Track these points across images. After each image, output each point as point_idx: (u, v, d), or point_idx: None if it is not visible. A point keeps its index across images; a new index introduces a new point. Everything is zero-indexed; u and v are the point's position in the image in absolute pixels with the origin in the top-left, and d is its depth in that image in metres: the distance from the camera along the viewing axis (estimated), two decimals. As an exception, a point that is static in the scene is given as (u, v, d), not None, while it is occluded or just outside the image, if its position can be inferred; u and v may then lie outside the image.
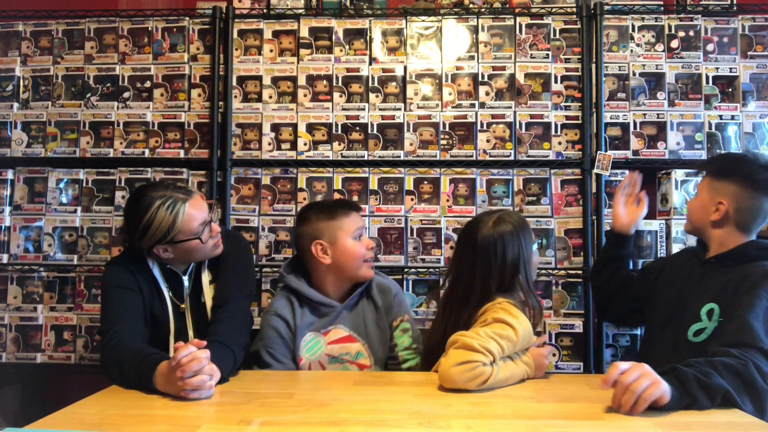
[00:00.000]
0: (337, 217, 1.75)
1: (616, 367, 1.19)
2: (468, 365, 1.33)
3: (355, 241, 1.75)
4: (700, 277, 1.64)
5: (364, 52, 2.29)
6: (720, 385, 1.20)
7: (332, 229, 1.74)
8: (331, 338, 1.74)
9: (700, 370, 1.22)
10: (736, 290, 1.51)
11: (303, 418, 1.17)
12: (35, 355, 2.22)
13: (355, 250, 1.74)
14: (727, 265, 1.60)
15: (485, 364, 1.35)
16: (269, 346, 1.70)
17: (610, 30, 2.26)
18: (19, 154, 2.30)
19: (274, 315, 1.73)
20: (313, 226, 1.76)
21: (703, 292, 1.60)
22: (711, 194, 1.65)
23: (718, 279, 1.58)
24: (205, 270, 1.73)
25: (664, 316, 1.69)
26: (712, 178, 1.66)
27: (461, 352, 1.35)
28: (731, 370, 1.26)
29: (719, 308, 1.53)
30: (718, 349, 1.36)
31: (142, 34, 2.34)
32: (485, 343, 1.35)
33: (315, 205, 1.87)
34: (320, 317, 1.75)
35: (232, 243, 1.77)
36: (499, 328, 1.42)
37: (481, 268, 1.57)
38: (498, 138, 2.23)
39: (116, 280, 1.64)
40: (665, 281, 1.76)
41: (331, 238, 1.73)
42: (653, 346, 1.70)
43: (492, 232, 1.58)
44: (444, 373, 1.36)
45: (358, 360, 1.73)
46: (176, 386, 1.28)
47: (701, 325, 1.55)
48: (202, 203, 1.66)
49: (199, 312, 1.71)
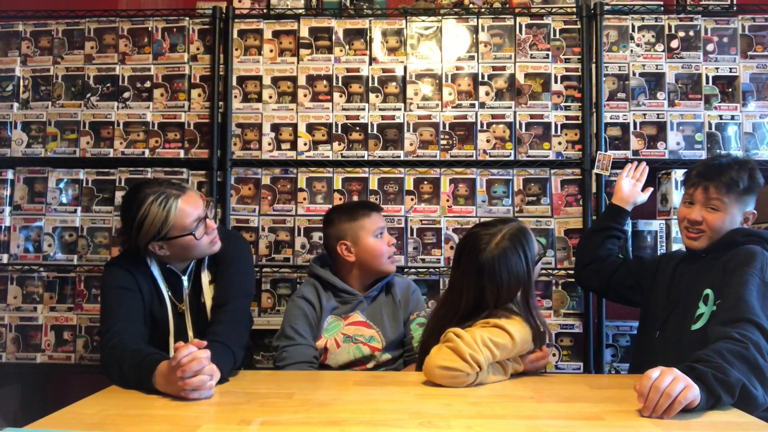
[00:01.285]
0: (358, 218, 1.86)
1: (648, 377, 1.17)
2: (452, 373, 1.36)
3: (377, 239, 1.85)
4: (695, 272, 1.68)
5: (364, 52, 2.29)
6: (737, 380, 1.22)
7: (354, 229, 1.85)
8: (349, 321, 1.84)
9: (715, 366, 1.23)
10: (725, 271, 1.55)
11: (303, 418, 1.17)
12: (35, 355, 2.22)
13: (377, 248, 1.85)
14: (717, 256, 1.63)
15: (469, 374, 1.36)
16: (293, 322, 1.80)
17: (610, 30, 2.26)
18: (19, 154, 2.30)
19: (301, 297, 1.85)
20: (336, 227, 1.87)
21: (699, 284, 1.64)
22: (740, 208, 1.67)
23: (710, 268, 1.63)
24: (205, 270, 1.73)
25: (663, 315, 1.71)
26: (743, 194, 1.67)
27: (450, 356, 1.36)
28: (738, 356, 1.27)
29: (713, 293, 1.57)
30: (716, 328, 1.38)
31: (142, 34, 2.34)
32: (476, 354, 1.36)
33: (338, 208, 1.96)
34: (342, 303, 1.86)
35: (232, 243, 1.77)
36: (497, 335, 1.41)
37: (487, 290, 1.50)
38: (498, 138, 2.23)
39: (116, 280, 1.64)
40: (660, 284, 1.78)
41: (354, 238, 1.84)
42: (655, 347, 1.71)
43: (495, 253, 1.50)
44: (428, 368, 1.39)
45: (370, 343, 1.81)
46: (176, 386, 1.27)
47: (699, 311, 1.59)
48: (197, 199, 1.66)
49: (199, 312, 1.71)
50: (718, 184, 1.64)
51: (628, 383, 1.45)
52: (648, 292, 1.83)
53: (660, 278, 1.79)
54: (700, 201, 1.68)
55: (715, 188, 1.64)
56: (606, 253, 1.97)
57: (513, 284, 1.51)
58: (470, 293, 1.53)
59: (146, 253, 1.66)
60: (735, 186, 1.65)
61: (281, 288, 2.23)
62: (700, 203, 1.67)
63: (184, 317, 1.71)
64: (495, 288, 1.50)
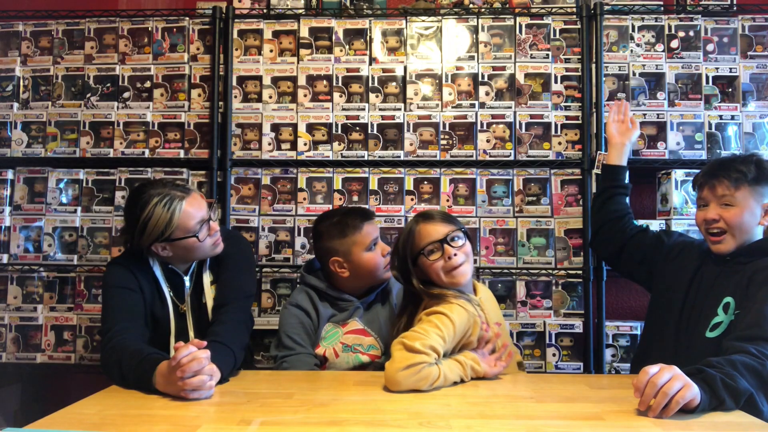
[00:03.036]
0: (347, 233, 1.76)
1: (646, 373, 1.16)
2: (414, 368, 1.34)
3: (370, 252, 1.77)
4: (716, 276, 1.63)
5: (364, 52, 2.29)
6: (745, 389, 1.21)
7: (346, 245, 1.76)
8: (348, 329, 1.79)
9: (725, 372, 1.22)
10: (750, 282, 1.51)
11: (303, 418, 1.17)
12: (35, 355, 2.21)
13: (372, 262, 1.77)
14: (743, 261, 1.58)
15: (431, 363, 1.36)
16: (290, 332, 1.74)
17: (610, 30, 2.26)
18: (19, 154, 2.30)
19: (295, 306, 1.78)
20: (326, 244, 1.79)
21: (720, 288, 1.59)
22: (757, 200, 1.60)
23: (733, 275, 1.58)
24: (207, 270, 1.73)
25: (674, 315, 1.66)
26: (754, 185, 1.61)
27: (404, 355, 1.35)
28: (751, 370, 1.26)
29: (734, 301, 1.53)
30: (734, 344, 1.35)
31: (142, 34, 2.34)
32: (427, 341, 1.36)
33: (326, 220, 1.84)
34: (339, 311, 1.80)
35: (233, 244, 1.77)
36: (435, 319, 1.44)
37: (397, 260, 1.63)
38: (498, 138, 2.23)
39: (117, 280, 1.64)
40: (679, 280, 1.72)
41: (346, 254, 1.76)
42: (660, 346, 1.68)
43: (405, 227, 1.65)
44: (390, 377, 1.35)
45: (369, 351, 1.77)
46: (176, 386, 1.28)
47: (717, 320, 1.55)
48: (200, 201, 1.66)
49: (200, 312, 1.71)
50: (724, 178, 1.60)
51: (628, 383, 1.44)
52: (660, 281, 1.78)
53: (680, 273, 1.73)
54: (712, 200, 1.62)
55: (724, 184, 1.60)
56: (612, 215, 1.91)
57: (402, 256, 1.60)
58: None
59: (149, 254, 1.66)
60: (743, 178, 1.60)
61: (281, 288, 2.23)
62: (714, 202, 1.62)
63: (186, 317, 1.71)
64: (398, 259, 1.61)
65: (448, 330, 1.43)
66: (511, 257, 2.20)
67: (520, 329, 2.16)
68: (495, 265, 2.19)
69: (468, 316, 1.49)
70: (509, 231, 2.21)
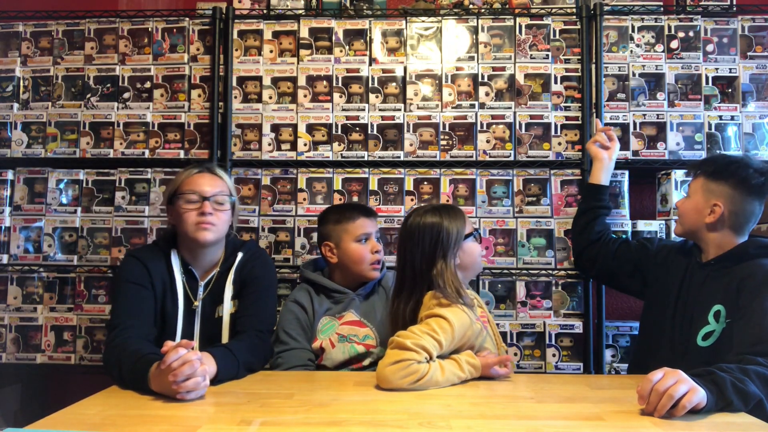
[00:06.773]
0: (342, 221, 1.88)
1: (649, 380, 1.17)
2: (401, 364, 1.37)
3: (359, 244, 1.86)
4: (702, 281, 1.64)
5: (364, 52, 2.29)
6: (755, 393, 1.21)
7: (338, 231, 1.87)
8: (343, 321, 1.84)
9: (735, 376, 1.23)
10: (740, 288, 1.51)
11: (303, 418, 1.17)
12: (35, 356, 2.21)
13: (357, 253, 1.86)
14: (728, 266, 1.59)
15: (419, 361, 1.38)
16: (286, 327, 1.81)
17: (610, 30, 2.26)
18: (19, 155, 2.30)
19: (293, 302, 1.86)
20: (323, 228, 1.92)
21: (708, 295, 1.59)
22: (706, 196, 1.65)
23: (721, 281, 1.58)
24: (229, 286, 1.73)
25: (668, 321, 1.68)
26: (708, 179, 1.65)
27: (395, 352, 1.39)
28: (762, 378, 1.26)
29: (725, 309, 1.53)
30: (744, 357, 1.34)
31: (142, 35, 2.34)
32: (418, 341, 1.39)
33: (331, 209, 1.99)
34: (335, 303, 1.87)
35: (261, 266, 1.78)
36: (434, 322, 1.45)
37: (409, 254, 1.61)
38: (498, 138, 2.23)
39: (128, 274, 1.66)
40: (669, 284, 1.74)
41: (337, 240, 1.87)
42: (657, 352, 1.69)
43: (418, 220, 1.63)
44: (379, 373, 1.39)
45: (365, 341, 1.81)
46: (170, 389, 1.28)
47: (709, 328, 1.55)
48: (213, 182, 1.74)
49: (211, 322, 1.71)
50: (692, 170, 1.69)
51: (628, 383, 1.45)
52: (652, 286, 1.80)
53: (669, 278, 1.74)
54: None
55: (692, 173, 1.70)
56: (596, 235, 1.97)
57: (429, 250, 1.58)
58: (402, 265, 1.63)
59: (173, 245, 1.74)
60: (701, 171, 1.67)
61: (281, 288, 2.23)
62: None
63: (194, 318, 1.71)
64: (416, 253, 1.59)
65: (446, 334, 1.44)
66: (511, 258, 2.20)
67: (520, 329, 2.16)
68: (495, 266, 2.19)
69: (470, 321, 1.51)
70: (509, 231, 2.21)
